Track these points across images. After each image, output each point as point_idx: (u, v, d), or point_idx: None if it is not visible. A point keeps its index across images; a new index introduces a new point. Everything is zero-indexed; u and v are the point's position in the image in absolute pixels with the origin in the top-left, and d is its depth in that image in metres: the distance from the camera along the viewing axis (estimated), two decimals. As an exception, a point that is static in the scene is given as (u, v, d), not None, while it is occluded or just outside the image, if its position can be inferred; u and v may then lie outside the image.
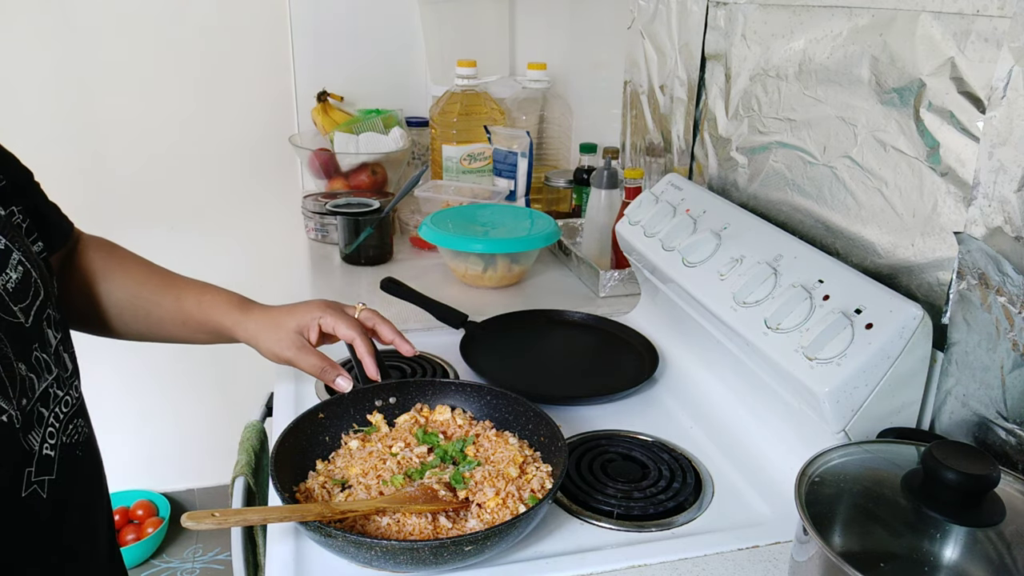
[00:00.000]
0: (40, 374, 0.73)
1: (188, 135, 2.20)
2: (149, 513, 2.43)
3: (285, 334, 0.93)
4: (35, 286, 0.75)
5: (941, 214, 0.83)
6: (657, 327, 1.23)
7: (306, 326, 0.94)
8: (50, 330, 0.77)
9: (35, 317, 0.74)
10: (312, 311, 0.94)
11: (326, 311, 0.94)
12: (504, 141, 1.68)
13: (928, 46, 0.83)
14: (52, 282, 0.81)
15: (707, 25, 1.27)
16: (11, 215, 0.79)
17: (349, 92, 2.17)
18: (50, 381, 0.75)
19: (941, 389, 0.83)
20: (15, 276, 0.72)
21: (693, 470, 0.92)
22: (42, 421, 0.73)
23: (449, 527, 0.77)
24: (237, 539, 0.96)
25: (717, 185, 1.27)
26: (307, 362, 0.93)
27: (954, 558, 0.61)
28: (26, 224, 0.82)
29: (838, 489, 0.67)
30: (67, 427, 0.78)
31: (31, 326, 0.73)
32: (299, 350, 0.93)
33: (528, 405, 0.92)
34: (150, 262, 0.99)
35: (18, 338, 0.71)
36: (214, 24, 2.11)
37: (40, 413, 0.73)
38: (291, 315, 0.94)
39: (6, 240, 0.73)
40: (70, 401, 0.79)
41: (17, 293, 0.72)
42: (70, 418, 0.78)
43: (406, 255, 1.63)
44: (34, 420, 0.72)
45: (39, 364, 0.73)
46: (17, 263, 0.73)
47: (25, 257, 0.75)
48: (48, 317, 0.77)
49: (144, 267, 0.97)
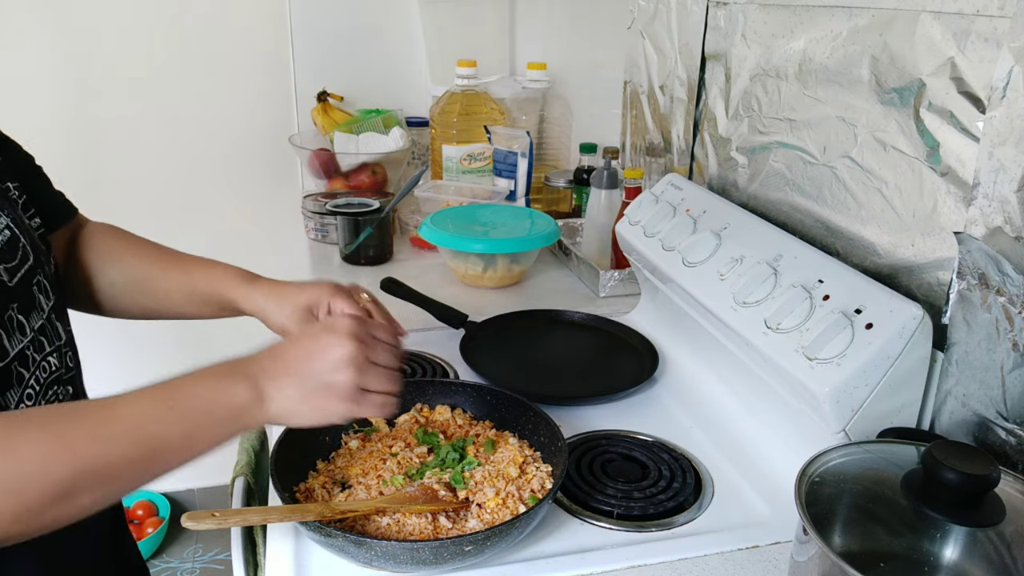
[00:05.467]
0: (12, 333, 0.74)
1: (188, 135, 2.20)
2: (149, 513, 2.43)
3: (293, 309, 0.92)
4: (23, 251, 0.77)
5: (941, 214, 0.83)
6: (657, 327, 1.23)
7: (316, 304, 0.92)
8: (40, 295, 0.79)
9: (21, 280, 0.76)
10: (324, 291, 0.93)
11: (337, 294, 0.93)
12: (504, 141, 1.68)
13: (928, 46, 0.83)
14: (47, 254, 0.84)
15: (707, 25, 1.27)
16: (6, 190, 0.82)
17: (349, 92, 2.17)
18: (26, 344, 0.75)
19: (941, 389, 0.83)
20: (2, 238, 0.75)
21: (693, 470, 0.92)
22: (21, 380, 0.74)
23: (449, 527, 0.77)
24: (237, 539, 0.96)
25: (717, 185, 1.27)
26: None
27: (954, 558, 0.61)
28: (23, 200, 0.85)
29: (838, 489, 0.67)
30: (47, 392, 0.78)
31: (14, 286, 0.75)
32: (307, 326, 0.92)
33: (528, 405, 0.92)
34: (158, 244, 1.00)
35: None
36: (214, 24, 2.11)
37: (19, 373, 0.74)
38: (301, 291, 0.93)
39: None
40: (53, 367, 0.79)
41: (3, 254, 0.75)
42: (50, 384, 0.79)
43: (406, 255, 1.63)
44: (13, 379, 0.73)
45: (11, 323, 0.74)
46: (4, 227, 0.76)
47: (13, 223, 0.78)
48: (38, 283, 0.79)
49: (153, 246, 0.99)
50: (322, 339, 0.72)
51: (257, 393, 0.68)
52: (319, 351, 0.71)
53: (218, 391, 0.67)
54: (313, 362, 0.71)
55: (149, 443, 0.64)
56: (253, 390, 0.68)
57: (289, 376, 0.70)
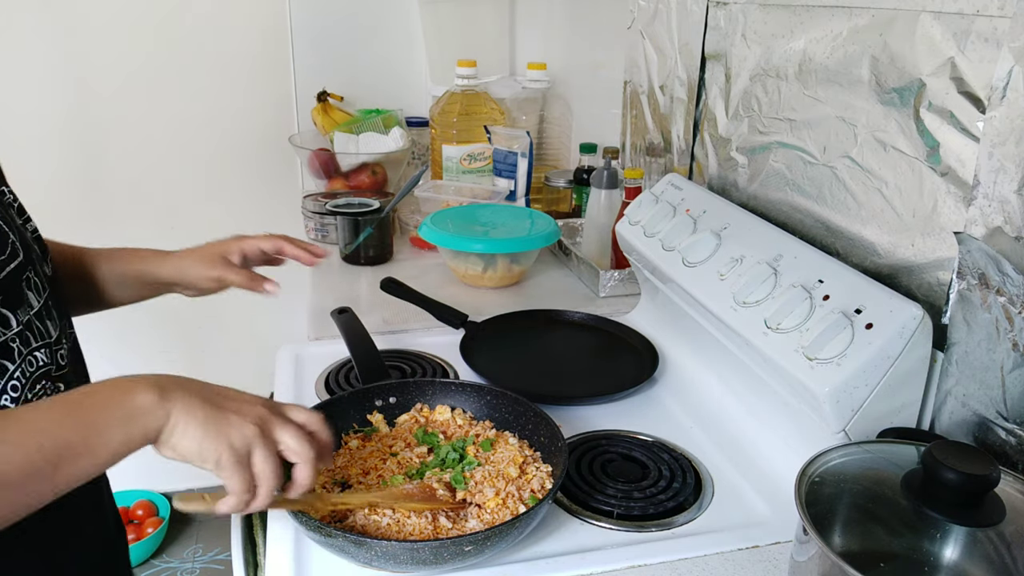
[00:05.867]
0: None
1: (188, 135, 2.20)
2: (149, 513, 2.43)
3: (210, 259, 1.02)
4: (12, 247, 0.79)
5: (941, 214, 0.83)
6: (657, 327, 1.23)
7: (228, 250, 1.03)
8: (31, 292, 0.80)
9: (8, 276, 0.77)
10: (227, 240, 1.05)
11: (241, 237, 1.05)
12: (504, 141, 1.68)
13: (928, 46, 0.83)
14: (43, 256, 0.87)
15: (707, 25, 1.27)
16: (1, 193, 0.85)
17: (349, 92, 2.17)
18: (11, 336, 0.76)
19: (941, 389, 0.83)
20: None
21: (693, 470, 0.92)
22: (5, 372, 0.74)
23: (449, 527, 0.77)
24: (237, 539, 0.96)
25: (717, 185, 1.27)
26: (237, 276, 1.03)
27: (954, 558, 0.61)
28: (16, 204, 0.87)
29: (838, 489, 0.67)
30: (34, 386, 0.78)
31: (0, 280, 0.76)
32: (227, 267, 1.03)
33: (528, 405, 0.92)
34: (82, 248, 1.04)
35: None
36: (214, 24, 2.12)
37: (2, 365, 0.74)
38: (210, 246, 1.04)
39: None
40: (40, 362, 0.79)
41: None
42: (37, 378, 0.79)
43: (406, 255, 1.63)
44: None
45: None
46: None
47: (2, 220, 0.80)
48: (27, 280, 0.80)
49: (77, 250, 1.03)
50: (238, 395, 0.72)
51: (161, 395, 0.66)
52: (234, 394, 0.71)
53: (118, 392, 0.66)
54: (226, 395, 0.70)
55: (51, 447, 0.61)
56: (157, 392, 0.66)
57: (200, 394, 0.68)
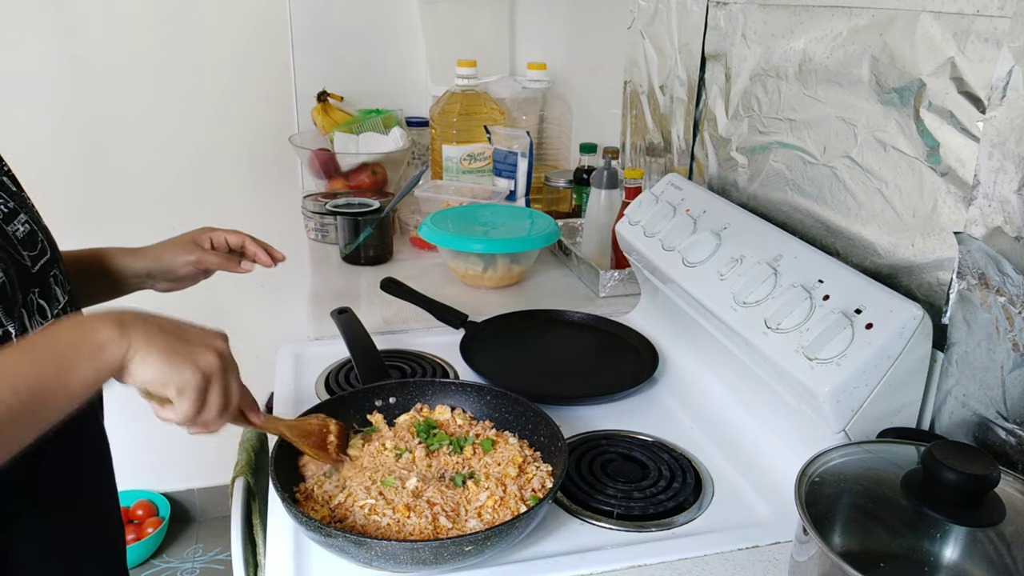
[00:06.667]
0: (32, 315, 0.80)
1: (188, 135, 2.20)
2: (149, 513, 2.43)
3: (184, 245, 1.08)
4: (41, 244, 0.85)
5: (941, 214, 0.83)
6: (657, 327, 1.23)
7: (198, 237, 1.09)
8: (57, 288, 0.86)
9: (41, 269, 0.84)
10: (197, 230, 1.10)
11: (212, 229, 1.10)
12: (504, 141, 1.68)
13: (928, 46, 0.83)
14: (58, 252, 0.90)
15: (707, 25, 1.27)
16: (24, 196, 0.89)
17: (349, 92, 2.17)
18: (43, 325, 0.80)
19: (941, 389, 0.83)
20: (23, 229, 0.84)
21: (693, 470, 0.92)
22: None
23: (449, 527, 0.77)
24: (237, 539, 0.96)
25: (717, 185, 1.27)
26: (212, 258, 1.09)
27: (954, 558, 0.61)
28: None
29: (838, 489, 0.67)
30: None
31: (36, 272, 0.82)
32: (202, 251, 1.09)
33: (528, 405, 0.92)
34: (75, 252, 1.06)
35: (22, 276, 0.80)
36: (214, 24, 2.11)
37: None
38: (181, 236, 1.10)
39: (13, 203, 0.84)
40: None
41: (25, 243, 0.83)
42: None
43: (406, 255, 1.63)
44: None
45: (32, 306, 0.81)
46: (24, 221, 0.84)
47: (31, 219, 0.85)
48: (55, 276, 0.86)
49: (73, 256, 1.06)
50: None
51: (121, 328, 0.68)
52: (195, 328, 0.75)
53: (83, 329, 0.69)
54: (187, 328, 0.74)
55: (25, 390, 0.64)
56: (118, 325, 0.69)
57: (159, 325, 0.71)
